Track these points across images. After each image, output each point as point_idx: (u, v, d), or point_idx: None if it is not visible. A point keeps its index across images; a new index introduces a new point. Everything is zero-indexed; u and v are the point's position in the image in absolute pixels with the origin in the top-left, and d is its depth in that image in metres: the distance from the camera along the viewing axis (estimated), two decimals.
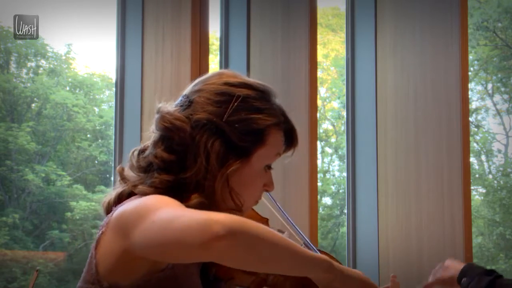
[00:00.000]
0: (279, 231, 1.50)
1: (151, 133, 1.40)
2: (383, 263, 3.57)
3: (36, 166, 5.57)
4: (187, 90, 1.40)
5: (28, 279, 5.19)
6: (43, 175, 5.62)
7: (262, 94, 1.40)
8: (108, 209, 1.37)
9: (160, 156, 1.34)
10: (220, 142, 1.33)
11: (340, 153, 8.56)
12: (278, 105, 1.42)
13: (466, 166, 3.38)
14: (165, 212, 1.16)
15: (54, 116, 5.97)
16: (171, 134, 1.34)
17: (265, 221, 1.52)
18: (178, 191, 1.32)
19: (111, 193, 1.40)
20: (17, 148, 5.58)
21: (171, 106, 1.39)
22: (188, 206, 1.28)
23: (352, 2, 3.87)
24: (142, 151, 1.40)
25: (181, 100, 1.39)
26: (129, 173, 1.40)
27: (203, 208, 1.26)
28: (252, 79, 1.42)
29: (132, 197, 1.33)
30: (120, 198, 1.36)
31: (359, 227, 3.72)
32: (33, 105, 5.98)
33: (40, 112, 5.92)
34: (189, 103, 1.37)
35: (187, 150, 1.33)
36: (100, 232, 1.30)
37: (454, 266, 2.06)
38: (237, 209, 1.36)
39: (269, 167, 1.42)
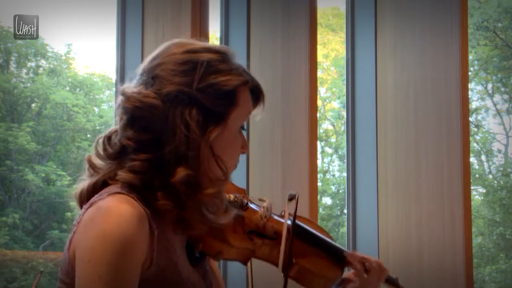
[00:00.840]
0: (260, 199, 1.53)
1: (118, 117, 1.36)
2: (383, 262, 3.56)
3: (36, 166, 5.58)
4: (144, 68, 1.36)
5: (28, 279, 5.19)
6: (43, 175, 5.62)
7: (224, 56, 1.37)
8: (82, 200, 1.34)
9: (134, 137, 1.31)
10: (197, 110, 1.30)
11: (340, 153, 8.56)
12: (239, 65, 1.40)
13: (466, 166, 3.38)
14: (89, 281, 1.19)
15: (54, 116, 5.97)
16: (143, 113, 1.30)
17: (242, 191, 1.51)
18: (159, 169, 1.29)
19: (83, 183, 1.36)
20: (17, 148, 5.58)
21: (133, 86, 1.35)
22: (174, 181, 1.27)
23: (352, 2, 3.87)
24: (108, 138, 1.37)
25: (141, 78, 1.35)
26: (97, 161, 1.36)
27: (190, 180, 1.28)
28: (209, 43, 1.40)
29: (107, 188, 1.30)
30: (95, 188, 1.33)
31: (359, 227, 3.72)
32: (33, 105, 5.98)
33: (40, 112, 5.93)
34: (152, 79, 1.33)
35: (162, 126, 1.29)
36: (73, 232, 1.28)
37: None
38: (224, 177, 1.34)
39: (242, 128, 1.41)
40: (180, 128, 1.29)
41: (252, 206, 1.51)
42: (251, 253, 1.46)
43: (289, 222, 1.47)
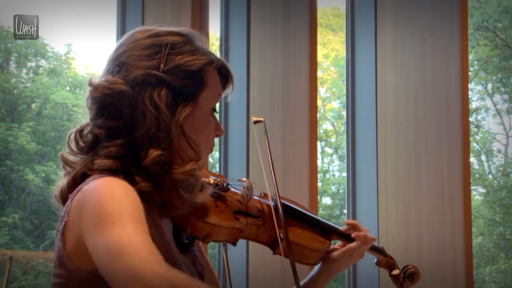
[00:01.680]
0: (239, 180, 1.56)
1: (87, 111, 1.36)
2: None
3: (36, 166, 5.57)
4: (109, 57, 1.38)
5: (28, 279, 5.19)
6: (43, 175, 5.61)
7: (188, 38, 1.38)
8: (64, 198, 1.34)
9: (105, 125, 1.32)
10: (166, 91, 1.32)
11: (340, 153, 8.56)
12: (203, 46, 1.40)
13: (466, 166, 3.38)
14: (120, 237, 1.14)
15: (54, 116, 5.97)
16: (112, 100, 1.31)
17: (220, 176, 1.53)
18: (133, 152, 1.30)
19: (61, 181, 1.36)
20: (17, 148, 5.57)
21: (100, 76, 1.36)
22: (147, 162, 1.28)
23: (352, 2, 3.87)
24: (79, 131, 1.37)
25: (107, 68, 1.36)
26: (71, 157, 1.37)
27: (162, 160, 1.28)
28: (173, 27, 1.41)
29: (89, 178, 1.29)
30: (75, 181, 1.33)
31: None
32: (33, 105, 5.98)
33: (40, 112, 5.92)
34: (119, 67, 1.34)
35: (132, 111, 1.31)
36: (63, 223, 1.27)
37: None
38: (196, 157, 1.35)
39: (214, 110, 1.42)
40: (150, 110, 1.30)
41: (233, 189, 1.54)
42: (239, 232, 1.47)
43: (273, 202, 1.51)
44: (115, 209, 1.18)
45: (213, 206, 1.44)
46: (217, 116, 1.45)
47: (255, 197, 1.56)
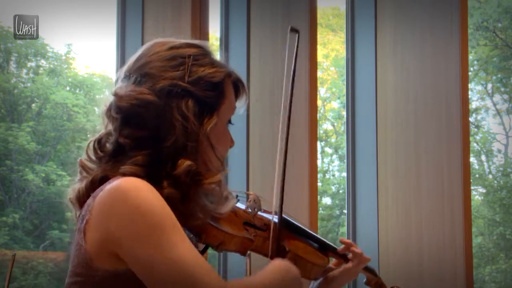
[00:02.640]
0: (246, 193, 1.60)
1: (106, 120, 1.37)
2: (383, 263, 3.57)
3: (36, 166, 5.57)
4: (130, 69, 1.38)
5: (28, 279, 5.19)
6: (43, 175, 5.61)
7: (205, 50, 1.41)
8: (81, 200, 1.35)
9: (132, 134, 1.33)
10: (192, 101, 1.33)
11: (340, 153, 8.56)
12: (218, 59, 1.42)
13: (466, 166, 3.38)
14: (171, 253, 1.21)
15: (54, 116, 5.97)
16: (139, 109, 1.32)
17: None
18: (160, 162, 1.31)
19: (78, 184, 1.37)
20: (17, 148, 5.57)
21: (124, 86, 1.36)
22: (178, 173, 1.30)
23: (352, 2, 3.87)
24: (98, 141, 1.38)
25: (130, 79, 1.37)
26: (89, 164, 1.37)
27: (192, 170, 1.31)
28: (187, 39, 1.42)
29: (112, 179, 1.30)
30: (93, 184, 1.34)
31: (359, 227, 3.72)
32: (33, 105, 5.98)
33: (40, 112, 5.92)
34: (143, 77, 1.35)
35: (159, 121, 1.32)
36: (84, 221, 1.28)
37: None
38: (222, 168, 1.38)
39: (229, 122, 1.45)
40: (178, 120, 1.31)
41: (239, 204, 1.57)
42: (250, 243, 1.50)
43: (275, 219, 1.53)
44: (157, 217, 1.22)
45: (225, 216, 1.45)
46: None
47: (261, 213, 1.60)
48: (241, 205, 1.56)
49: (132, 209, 1.23)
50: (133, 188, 1.25)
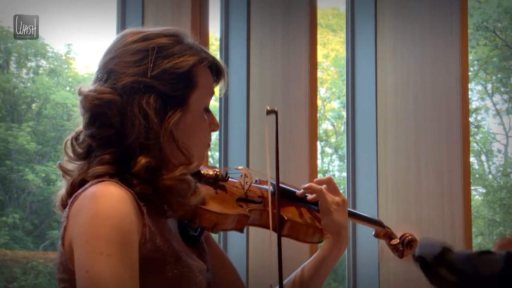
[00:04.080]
0: (236, 168, 1.58)
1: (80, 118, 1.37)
2: (383, 263, 3.56)
3: (36, 166, 5.57)
4: (99, 65, 1.37)
5: (28, 279, 5.19)
6: (43, 175, 5.61)
7: (175, 38, 1.37)
8: (64, 204, 1.35)
9: (97, 134, 1.32)
10: (154, 97, 1.31)
11: (340, 153, 8.56)
12: (193, 44, 1.39)
13: (466, 166, 3.38)
14: (104, 269, 1.18)
15: (54, 116, 5.97)
16: (102, 109, 1.31)
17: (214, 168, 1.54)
18: (125, 161, 1.31)
19: (61, 190, 1.38)
20: (17, 148, 5.57)
21: (90, 85, 1.35)
22: (136, 170, 1.29)
23: (352, 2, 3.87)
24: (75, 138, 1.38)
25: (97, 75, 1.36)
26: (70, 165, 1.37)
27: (150, 167, 1.29)
28: (161, 28, 1.39)
29: (87, 184, 1.30)
30: (73, 188, 1.34)
31: (359, 227, 3.72)
32: (33, 105, 5.98)
33: (40, 112, 5.92)
34: (107, 74, 1.34)
35: (122, 119, 1.31)
36: (63, 228, 1.28)
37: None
38: (187, 162, 1.35)
39: (207, 109, 1.42)
40: (138, 118, 1.30)
41: (231, 179, 1.56)
42: (245, 219, 1.49)
43: (271, 188, 1.53)
44: (106, 234, 1.20)
45: (216, 196, 1.46)
46: (217, 113, 1.46)
47: (255, 184, 1.59)
48: (234, 181, 1.55)
49: (89, 214, 1.22)
50: (104, 195, 1.24)
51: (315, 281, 1.60)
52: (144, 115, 1.30)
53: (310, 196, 1.62)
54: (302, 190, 1.64)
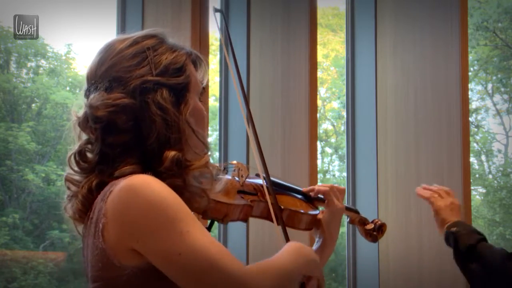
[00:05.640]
0: (231, 163, 1.69)
1: (79, 130, 1.38)
2: (383, 263, 3.57)
3: (36, 166, 5.57)
4: (94, 77, 1.38)
5: (28, 279, 5.19)
6: (43, 175, 5.61)
7: (160, 37, 1.43)
8: (82, 212, 1.36)
9: (117, 142, 1.34)
10: (167, 92, 1.35)
11: (340, 153, 8.56)
12: (173, 41, 1.45)
13: (466, 166, 3.38)
14: (194, 243, 1.23)
15: (54, 116, 5.97)
16: (118, 115, 1.33)
17: None
18: (150, 159, 1.33)
19: (73, 200, 1.38)
20: (17, 148, 5.57)
21: (96, 96, 1.36)
22: (166, 166, 1.31)
23: (352, 2, 3.87)
24: (79, 153, 1.38)
25: (98, 87, 1.37)
26: (76, 177, 1.38)
27: (179, 159, 1.32)
28: (140, 32, 1.44)
29: (117, 180, 1.30)
30: (91, 193, 1.34)
31: None
32: (33, 105, 5.98)
33: (40, 112, 5.92)
34: (112, 83, 1.36)
35: (140, 121, 1.33)
36: (101, 225, 1.28)
37: (449, 213, 2.24)
38: (206, 149, 1.40)
39: (200, 97, 1.47)
40: (157, 114, 1.33)
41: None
42: (250, 209, 1.58)
43: (265, 181, 1.62)
44: (171, 209, 1.24)
45: (220, 190, 1.51)
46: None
47: (248, 179, 1.68)
48: (228, 176, 1.64)
49: (145, 204, 1.24)
50: (143, 184, 1.26)
51: None
52: (162, 110, 1.33)
53: (316, 191, 1.81)
54: (310, 187, 1.83)
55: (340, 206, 1.79)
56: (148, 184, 1.26)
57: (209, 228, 1.50)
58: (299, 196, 1.79)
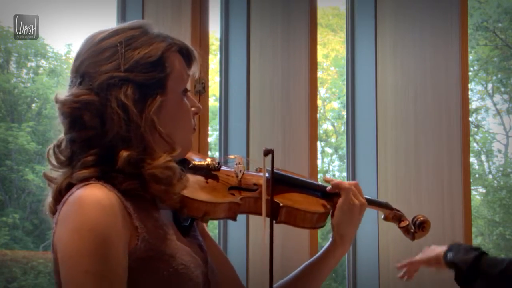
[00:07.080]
0: (230, 157, 1.58)
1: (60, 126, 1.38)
2: (383, 263, 3.57)
3: (36, 166, 5.57)
4: (71, 70, 1.38)
5: (28, 279, 5.19)
6: None
7: (142, 29, 1.39)
8: (53, 211, 1.35)
9: (78, 137, 1.33)
10: (131, 89, 1.32)
11: (340, 153, 8.56)
12: (159, 32, 1.41)
13: (466, 166, 3.38)
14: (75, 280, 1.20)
15: (54, 116, 5.98)
16: (82, 112, 1.32)
17: (213, 159, 1.54)
18: (109, 160, 1.31)
19: (48, 198, 1.38)
20: (17, 148, 5.57)
21: (65, 91, 1.36)
22: (119, 166, 1.29)
23: (352, 2, 3.87)
24: (57, 146, 1.38)
25: (71, 81, 1.37)
26: (54, 174, 1.37)
27: (132, 159, 1.29)
28: (125, 23, 1.41)
29: (74, 187, 1.30)
30: (60, 193, 1.34)
31: (359, 227, 3.72)
32: (33, 105, 5.98)
33: (40, 112, 5.92)
34: (81, 77, 1.35)
35: (103, 118, 1.31)
36: (52, 234, 1.29)
37: (439, 248, 2.20)
38: (171, 149, 1.35)
39: (186, 91, 1.42)
40: (117, 112, 1.30)
41: (225, 168, 1.56)
42: (237, 207, 1.49)
43: (267, 174, 1.51)
44: (90, 250, 1.20)
45: (207, 185, 1.46)
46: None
47: (251, 172, 1.60)
48: (229, 170, 1.55)
49: (74, 226, 1.23)
50: (86, 203, 1.24)
51: (315, 280, 1.62)
52: (123, 108, 1.30)
53: (329, 187, 1.66)
54: (330, 187, 1.66)
55: (355, 203, 1.66)
56: (91, 204, 1.24)
57: (189, 225, 1.46)
58: (311, 192, 1.67)
